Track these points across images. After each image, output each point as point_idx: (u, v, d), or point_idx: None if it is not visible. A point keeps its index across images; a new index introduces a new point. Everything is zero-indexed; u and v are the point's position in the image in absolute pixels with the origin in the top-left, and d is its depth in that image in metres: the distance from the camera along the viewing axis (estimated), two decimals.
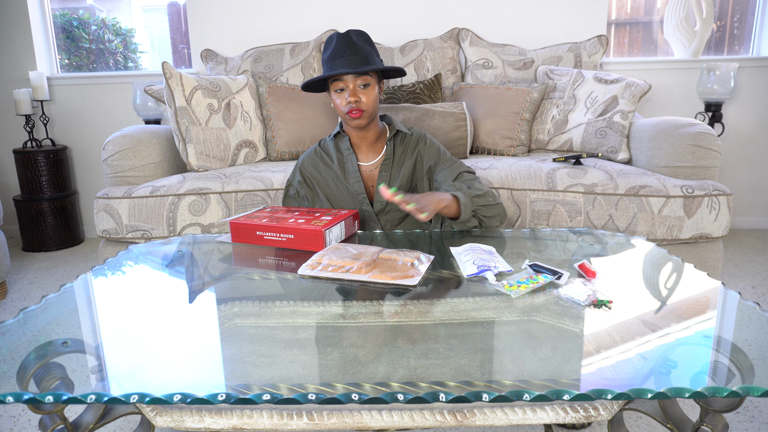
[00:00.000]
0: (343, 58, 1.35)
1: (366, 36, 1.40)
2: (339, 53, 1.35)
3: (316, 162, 1.51)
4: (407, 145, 1.47)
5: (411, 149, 1.47)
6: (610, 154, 2.03)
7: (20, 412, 1.39)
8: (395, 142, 1.47)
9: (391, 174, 1.45)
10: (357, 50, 1.35)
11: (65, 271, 2.49)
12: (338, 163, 1.48)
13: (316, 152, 1.52)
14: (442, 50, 2.51)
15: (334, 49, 1.36)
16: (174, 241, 1.35)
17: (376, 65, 1.38)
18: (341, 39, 1.36)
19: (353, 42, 1.36)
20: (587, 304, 0.88)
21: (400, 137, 1.48)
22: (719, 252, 1.71)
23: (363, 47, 1.37)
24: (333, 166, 1.48)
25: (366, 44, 1.38)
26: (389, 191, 1.11)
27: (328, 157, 1.50)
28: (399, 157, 1.46)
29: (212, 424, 0.82)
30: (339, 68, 1.34)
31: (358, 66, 1.34)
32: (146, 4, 3.32)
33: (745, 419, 1.29)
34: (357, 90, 1.36)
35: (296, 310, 0.89)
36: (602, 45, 2.41)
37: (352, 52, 1.35)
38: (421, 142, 1.47)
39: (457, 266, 1.08)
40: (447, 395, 0.63)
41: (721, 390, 0.63)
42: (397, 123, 1.49)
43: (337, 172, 1.48)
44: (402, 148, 1.47)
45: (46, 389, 0.68)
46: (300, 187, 1.53)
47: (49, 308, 0.92)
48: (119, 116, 2.98)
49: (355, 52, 1.35)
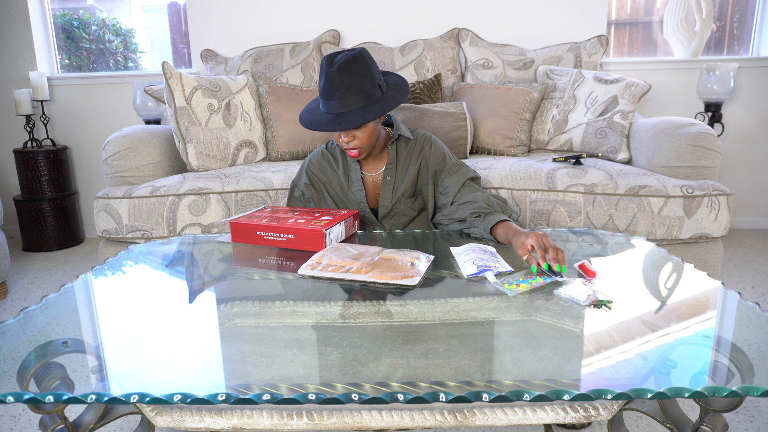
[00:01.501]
0: (331, 101, 1.26)
1: (361, 63, 1.25)
2: (327, 95, 1.26)
3: (322, 164, 1.49)
4: (411, 149, 1.43)
5: (416, 153, 1.42)
6: (610, 154, 2.03)
7: (20, 412, 1.39)
8: (398, 146, 1.43)
9: (396, 178, 1.43)
10: (346, 91, 1.24)
11: (65, 271, 2.49)
12: (343, 169, 1.46)
13: (323, 155, 1.50)
14: (442, 50, 2.51)
15: (324, 87, 1.27)
16: (174, 241, 1.35)
17: (361, 118, 1.25)
18: (330, 78, 1.24)
19: (342, 82, 1.24)
20: (587, 304, 0.88)
21: (403, 141, 1.43)
22: (719, 252, 1.71)
23: (355, 84, 1.24)
24: (338, 172, 1.47)
25: (360, 76, 1.25)
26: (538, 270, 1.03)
27: (335, 161, 1.48)
28: (403, 161, 1.43)
29: (212, 424, 0.82)
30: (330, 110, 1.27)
31: (344, 111, 1.26)
32: (146, 4, 3.32)
33: (745, 419, 1.29)
34: (350, 131, 1.29)
35: (296, 310, 0.89)
36: (602, 45, 2.41)
37: (340, 95, 1.24)
38: (426, 145, 1.43)
39: (457, 266, 1.08)
40: (447, 395, 0.63)
41: (720, 390, 0.63)
42: (400, 125, 1.44)
43: (340, 178, 1.47)
44: (406, 152, 1.43)
45: (47, 389, 0.68)
46: (306, 189, 1.51)
47: (49, 308, 0.92)
48: (119, 116, 2.98)
49: (344, 95, 1.24)
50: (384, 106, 1.27)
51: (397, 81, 1.36)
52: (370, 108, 1.26)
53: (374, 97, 1.27)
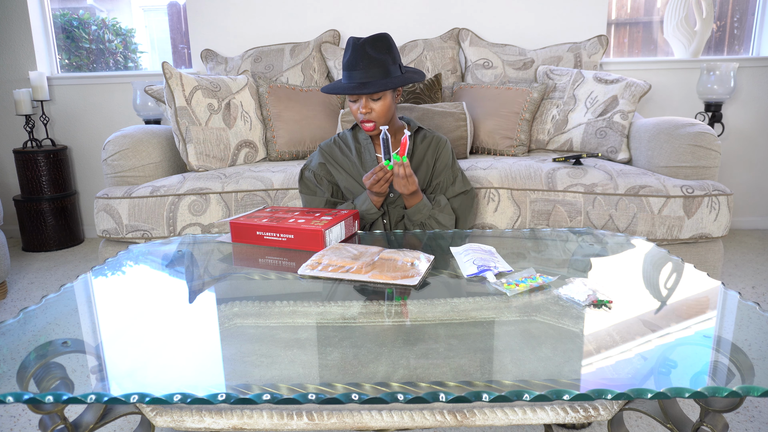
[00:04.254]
0: (356, 71, 1.36)
1: (385, 42, 1.39)
2: (352, 65, 1.36)
3: (333, 150, 1.54)
4: (428, 145, 1.51)
5: (433, 149, 1.51)
6: (610, 154, 2.03)
7: (20, 412, 1.39)
8: (416, 139, 1.51)
9: None
10: (370, 63, 1.35)
11: (65, 271, 2.49)
12: (356, 152, 1.51)
13: (335, 142, 1.56)
14: (442, 50, 2.51)
15: (349, 59, 1.37)
16: (174, 241, 1.35)
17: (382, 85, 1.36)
18: (356, 51, 1.36)
19: (367, 54, 1.35)
20: (587, 304, 0.88)
21: (422, 134, 1.52)
22: (719, 252, 1.71)
23: (378, 58, 1.36)
24: (351, 156, 1.52)
25: (383, 52, 1.37)
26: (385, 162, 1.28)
27: (347, 147, 1.54)
28: (418, 154, 1.51)
29: (212, 424, 0.82)
30: (356, 82, 1.36)
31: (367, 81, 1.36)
32: (146, 4, 3.32)
33: (745, 419, 1.29)
34: (368, 102, 1.38)
35: (296, 310, 0.89)
36: (602, 45, 2.41)
37: (364, 65, 1.35)
38: (441, 146, 1.52)
39: (457, 266, 1.08)
40: (447, 395, 0.63)
41: (721, 390, 0.63)
42: (416, 123, 1.54)
43: (354, 161, 1.51)
44: (422, 146, 1.51)
45: (46, 389, 0.68)
46: (320, 169, 1.54)
47: (49, 308, 0.92)
48: (119, 116, 2.98)
49: (367, 66, 1.35)
50: (402, 80, 1.40)
51: (415, 69, 1.51)
52: (391, 79, 1.39)
53: (394, 73, 1.40)
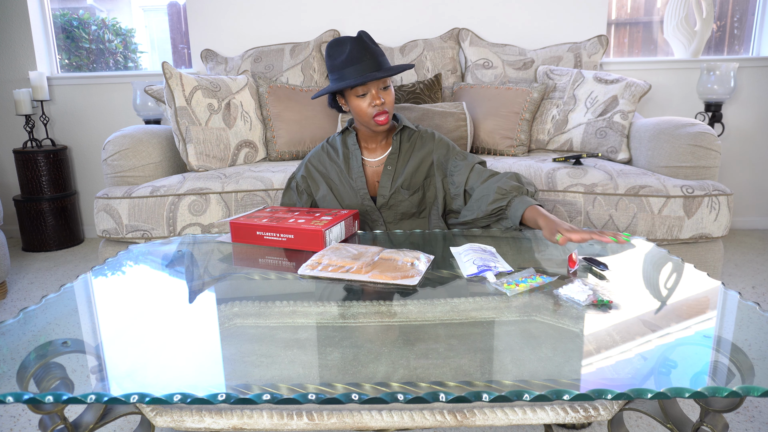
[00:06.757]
0: (364, 62, 1.35)
1: (371, 37, 1.42)
2: (357, 58, 1.34)
3: (322, 157, 1.53)
4: (414, 141, 1.48)
5: (419, 145, 1.47)
6: (610, 154, 2.03)
7: (20, 412, 1.39)
8: (402, 138, 1.48)
9: (396, 168, 1.46)
10: (373, 53, 1.36)
11: (65, 271, 2.49)
12: (343, 158, 1.50)
13: (324, 148, 1.55)
14: (442, 50, 2.51)
15: (349, 55, 1.35)
16: (174, 241, 1.35)
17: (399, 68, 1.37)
18: (357, 43, 1.35)
19: (368, 46, 1.36)
20: (587, 304, 0.88)
21: (407, 133, 1.49)
22: (719, 252, 1.71)
23: (377, 49, 1.37)
24: (338, 161, 1.50)
25: (376, 45, 1.39)
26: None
27: (335, 152, 1.52)
28: (405, 153, 1.48)
29: (212, 424, 0.82)
30: (367, 72, 1.34)
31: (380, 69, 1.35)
32: (146, 4, 3.32)
33: (745, 419, 1.29)
34: (380, 93, 1.37)
35: (296, 310, 0.89)
36: (602, 45, 2.41)
37: (370, 56, 1.35)
38: (429, 140, 1.48)
39: (457, 266, 1.08)
40: (447, 395, 0.63)
41: (721, 390, 0.63)
42: (405, 119, 1.51)
43: (341, 166, 1.49)
44: (409, 144, 1.48)
45: (46, 389, 0.68)
46: (302, 182, 1.54)
47: (49, 308, 0.92)
48: (119, 116, 2.98)
49: (372, 56, 1.35)
50: (406, 65, 1.40)
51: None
52: (399, 64, 1.40)
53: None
